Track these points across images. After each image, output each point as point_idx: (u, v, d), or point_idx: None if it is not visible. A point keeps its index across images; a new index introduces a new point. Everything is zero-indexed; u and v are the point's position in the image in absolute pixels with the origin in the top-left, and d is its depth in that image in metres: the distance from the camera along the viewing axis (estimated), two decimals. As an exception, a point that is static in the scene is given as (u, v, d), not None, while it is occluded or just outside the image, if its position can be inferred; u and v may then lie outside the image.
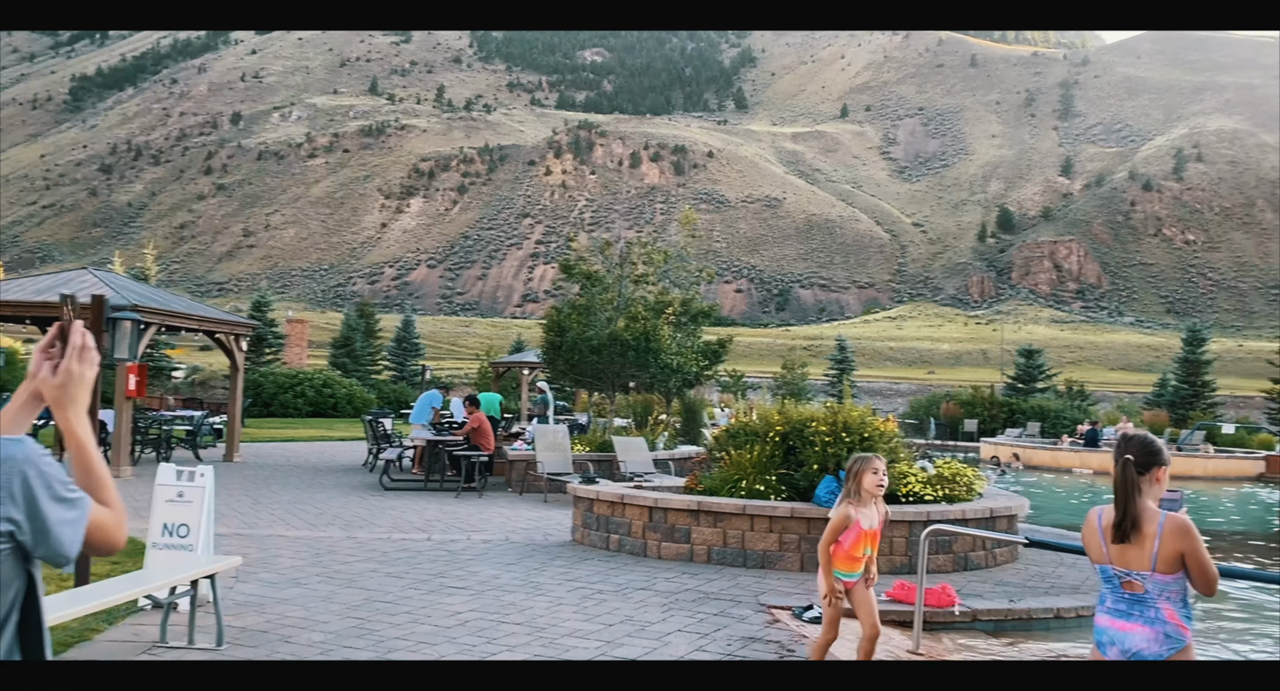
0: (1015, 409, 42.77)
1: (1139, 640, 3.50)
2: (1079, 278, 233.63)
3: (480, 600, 7.94)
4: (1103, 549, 3.62)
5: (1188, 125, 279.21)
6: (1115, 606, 3.61)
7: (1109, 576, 3.64)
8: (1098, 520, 3.68)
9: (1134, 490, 3.55)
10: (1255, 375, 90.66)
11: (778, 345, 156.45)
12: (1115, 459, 3.65)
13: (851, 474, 5.67)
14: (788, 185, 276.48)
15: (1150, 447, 3.64)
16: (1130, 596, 3.56)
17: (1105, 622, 3.64)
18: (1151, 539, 3.48)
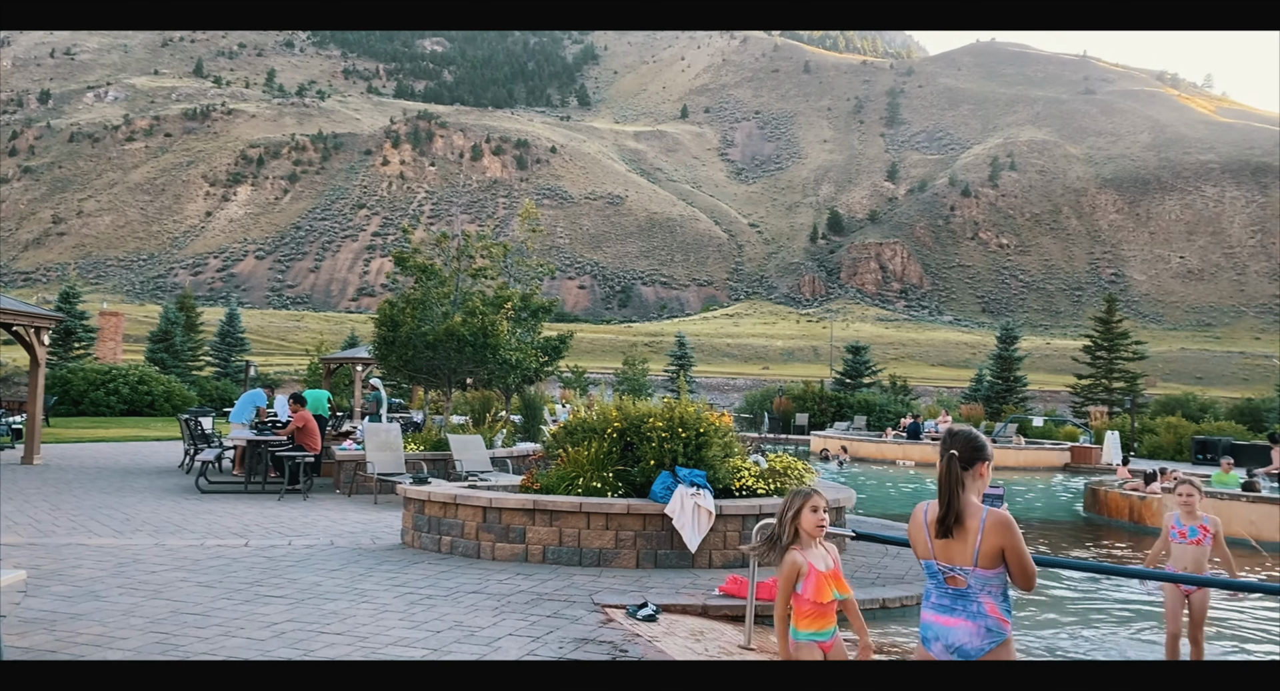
0: (844, 403, 44.36)
1: (961, 635, 3.53)
2: (903, 278, 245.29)
3: (299, 609, 7.50)
4: (928, 544, 3.63)
5: (1002, 135, 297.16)
6: (939, 601, 3.62)
7: (933, 571, 3.64)
8: (923, 515, 3.69)
9: (958, 486, 3.57)
10: (1061, 371, 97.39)
11: (620, 341, 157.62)
12: (940, 455, 3.66)
13: (788, 516, 4.73)
14: (630, 183, 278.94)
15: (974, 443, 3.66)
16: (954, 591, 3.57)
17: (930, 618, 3.65)
18: (974, 534, 3.51)
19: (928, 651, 3.63)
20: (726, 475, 10.31)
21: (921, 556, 3.68)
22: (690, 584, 8.95)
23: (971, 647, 3.51)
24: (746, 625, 7.35)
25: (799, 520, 4.68)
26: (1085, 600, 10.40)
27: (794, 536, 4.69)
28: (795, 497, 4.76)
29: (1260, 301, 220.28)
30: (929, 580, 3.68)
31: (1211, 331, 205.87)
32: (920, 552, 3.68)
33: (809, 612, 4.57)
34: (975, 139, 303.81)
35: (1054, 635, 8.48)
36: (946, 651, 3.56)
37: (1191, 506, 7.43)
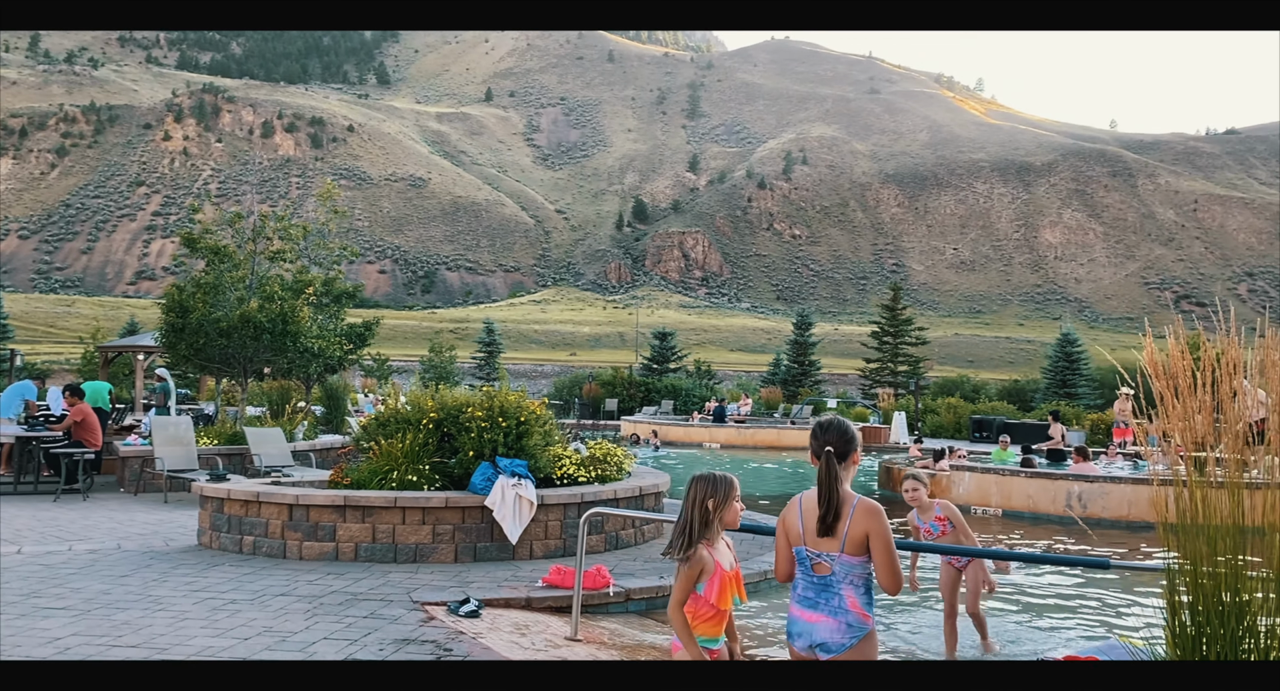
0: (651, 388, 45.08)
1: (824, 631, 3.54)
2: (704, 266, 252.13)
3: (85, 622, 6.83)
4: (800, 531, 3.62)
5: (795, 130, 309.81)
6: (805, 594, 3.63)
7: (802, 558, 3.64)
8: (799, 505, 3.68)
9: (836, 482, 3.57)
10: (849, 355, 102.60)
11: (424, 328, 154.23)
12: (815, 450, 3.65)
13: (708, 505, 4.15)
14: (433, 165, 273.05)
15: (847, 435, 3.67)
16: (818, 580, 3.58)
17: (795, 613, 3.66)
18: (844, 520, 3.53)
19: (794, 648, 3.64)
20: (548, 464, 10.18)
21: (793, 543, 3.66)
22: (512, 576, 8.78)
23: (834, 643, 3.52)
24: (573, 616, 7.25)
25: (724, 511, 4.14)
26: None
27: (707, 530, 4.12)
28: (718, 485, 4.15)
29: (1024, 290, 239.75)
30: (799, 568, 3.67)
31: (981, 318, 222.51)
32: (792, 539, 3.66)
33: (707, 617, 4.07)
34: (770, 133, 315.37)
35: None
36: (809, 649, 3.57)
37: (919, 501, 7.20)
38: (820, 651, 3.55)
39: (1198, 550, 3.49)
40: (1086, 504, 14.97)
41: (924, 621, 8.29)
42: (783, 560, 3.75)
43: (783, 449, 30.86)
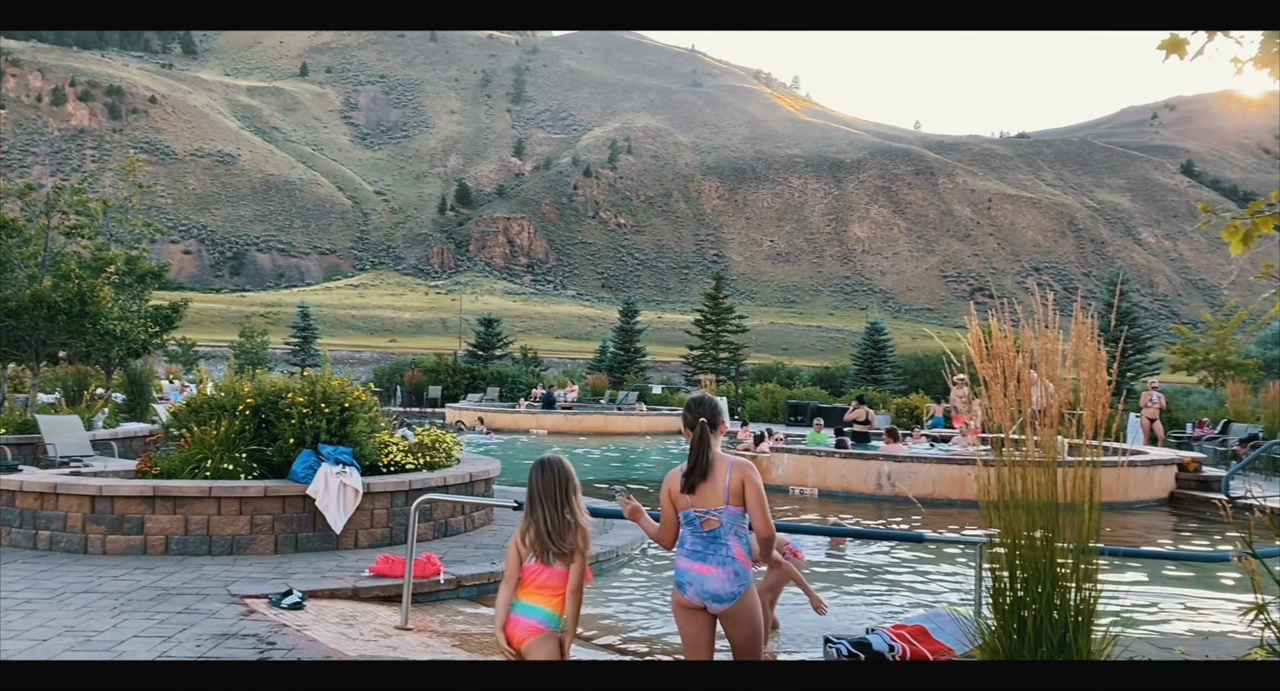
0: (477, 375, 44.54)
1: (715, 582, 3.94)
2: (529, 253, 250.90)
3: None
4: (684, 497, 4.05)
5: (620, 120, 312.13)
6: (694, 548, 4.01)
7: (691, 518, 4.03)
8: (677, 471, 4.12)
9: (707, 447, 4.05)
10: (673, 342, 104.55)
11: (233, 312, 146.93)
12: (690, 422, 4.13)
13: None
14: (243, 141, 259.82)
15: (716, 408, 4.19)
16: (707, 534, 3.99)
17: (685, 565, 4.03)
18: (723, 476, 4.00)
19: (684, 596, 4.01)
20: (374, 451, 9.93)
21: (680, 508, 4.07)
22: (337, 566, 8.51)
23: (725, 593, 3.92)
24: (404, 605, 7.11)
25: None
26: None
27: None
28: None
29: (834, 282, 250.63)
30: (686, 528, 4.06)
31: (795, 307, 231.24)
32: (679, 506, 4.07)
33: (539, 584, 4.16)
34: (596, 121, 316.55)
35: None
36: (701, 597, 3.96)
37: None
38: (713, 601, 3.94)
39: (1017, 524, 3.76)
40: (895, 482, 15.82)
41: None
42: (670, 526, 4.14)
43: (609, 434, 31.16)
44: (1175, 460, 17.27)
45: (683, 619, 4.06)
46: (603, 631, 7.51)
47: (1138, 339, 42.42)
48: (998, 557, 3.78)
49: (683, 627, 4.08)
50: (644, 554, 10.33)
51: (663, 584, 9.19)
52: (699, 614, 4.00)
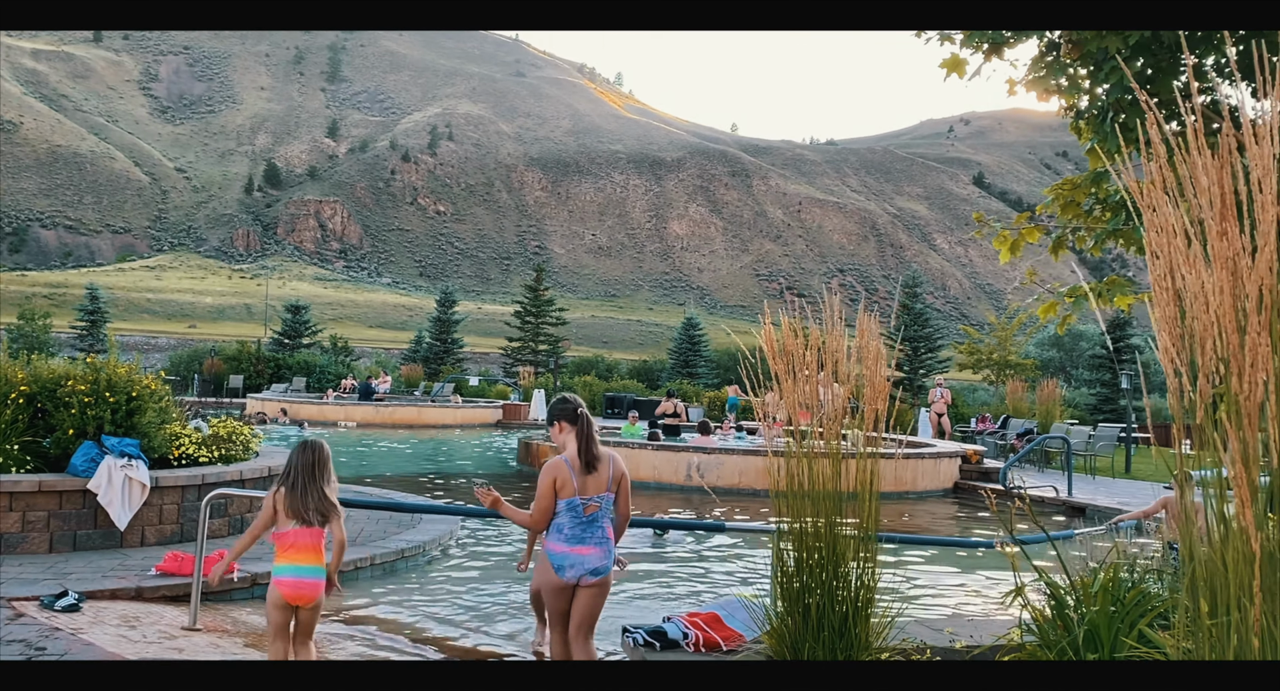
0: (282, 364, 42.77)
1: (595, 560, 4.43)
2: (342, 238, 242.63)
3: None
4: (573, 483, 4.45)
5: (441, 105, 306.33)
6: (573, 533, 4.42)
7: (574, 505, 4.44)
8: (566, 465, 4.48)
9: (595, 439, 4.59)
10: (492, 334, 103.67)
11: (11, 292, 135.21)
12: (569, 417, 4.61)
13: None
14: (26, 108, 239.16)
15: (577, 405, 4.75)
16: (586, 519, 4.44)
17: (563, 549, 4.42)
18: (607, 466, 4.57)
19: (560, 579, 4.42)
20: (164, 444, 9.37)
21: (566, 496, 4.45)
22: (120, 565, 7.99)
23: (603, 567, 4.46)
24: (192, 604, 6.75)
25: None
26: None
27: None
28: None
29: (654, 277, 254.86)
30: (567, 515, 4.44)
31: (616, 301, 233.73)
32: (566, 494, 4.45)
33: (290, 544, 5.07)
34: (416, 106, 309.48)
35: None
36: (580, 575, 4.42)
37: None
38: (591, 575, 4.43)
39: (802, 511, 3.94)
40: (704, 473, 16.27)
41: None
42: (548, 513, 4.49)
43: (423, 427, 30.58)
44: (959, 453, 18.51)
45: (554, 599, 4.50)
46: (421, 630, 7.38)
47: (929, 338, 45.21)
48: (786, 551, 3.95)
49: (552, 606, 4.53)
50: (445, 554, 10.19)
51: (480, 581, 9.13)
52: (568, 590, 4.47)
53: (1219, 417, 1.77)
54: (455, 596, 8.35)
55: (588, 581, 4.46)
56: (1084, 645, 3.60)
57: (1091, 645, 3.60)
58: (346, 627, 7.36)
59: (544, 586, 4.51)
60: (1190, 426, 1.90)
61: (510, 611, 7.84)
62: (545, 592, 4.52)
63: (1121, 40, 3.18)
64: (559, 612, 4.52)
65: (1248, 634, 1.79)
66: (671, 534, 11.25)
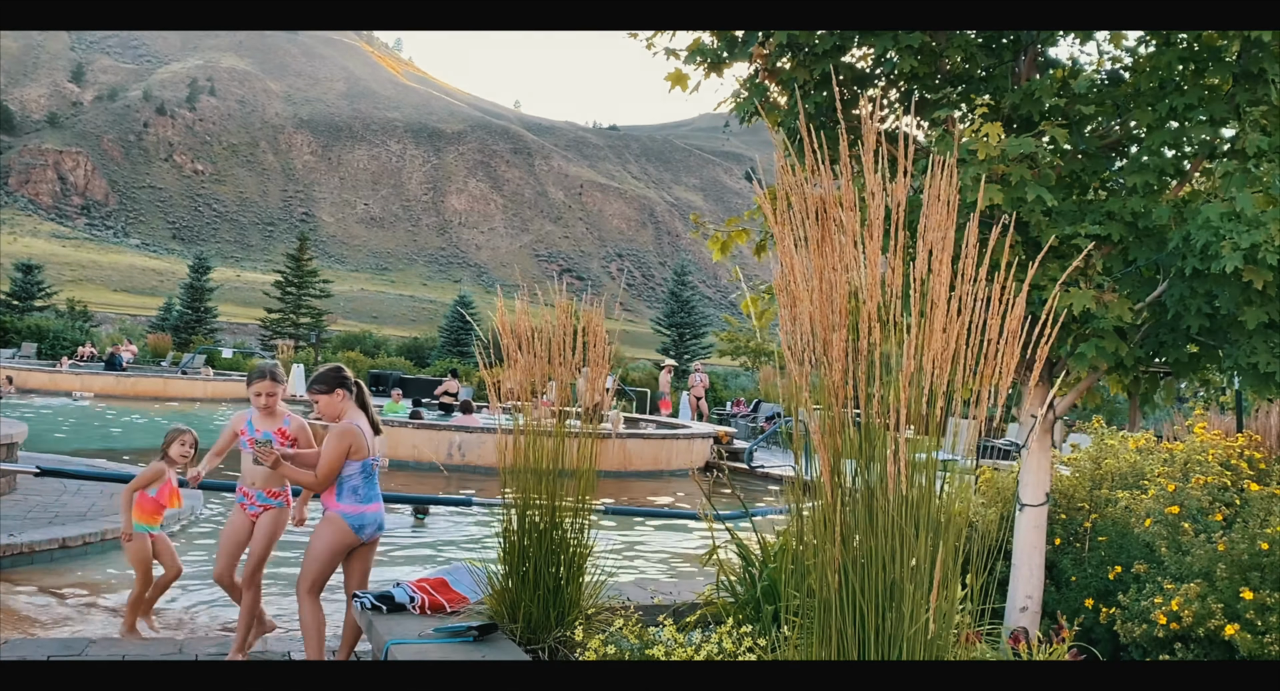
0: (10, 328, 39.10)
1: (380, 515, 4.79)
2: (85, 192, 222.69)
3: None
4: (367, 446, 4.70)
5: (203, 57, 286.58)
6: (366, 492, 4.70)
7: (368, 465, 4.73)
8: (359, 430, 4.71)
9: (370, 402, 4.94)
10: (251, 304, 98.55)
11: None
12: (345, 384, 4.86)
13: (166, 444, 6.30)
14: None
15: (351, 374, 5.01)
16: (372, 477, 4.76)
17: (358, 509, 4.67)
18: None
19: (359, 537, 4.68)
20: None
21: (360, 458, 4.68)
22: None
23: (382, 521, 4.82)
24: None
25: (168, 449, 6.31)
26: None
27: (166, 458, 6.30)
28: (172, 433, 6.40)
29: (429, 251, 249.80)
30: (360, 475, 4.69)
31: (387, 275, 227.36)
32: (360, 456, 4.68)
33: (150, 509, 6.22)
34: (174, 56, 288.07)
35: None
36: (378, 531, 4.79)
37: (272, 407, 5.45)
38: (377, 530, 4.78)
39: (525, 484, 4.26)
40: (466, 452, 16.41)
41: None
42: (333, 474, 4.65)
43: (169, 399, 28.90)
44: (711, 434, 19.58)
45: (335, 560, 4.73)
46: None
47: (695, 325, 47.09)
48: (511, 520, 4.27)
49: (329, 567, 4.74)
50: (185, 530, 9.85)
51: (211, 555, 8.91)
52: (350, 549, 4.75)
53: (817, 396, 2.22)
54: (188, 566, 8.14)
55: (374, 537, 4.79)
56: (763, 598, 4.12)
57: (770, 598, 4.13)
58: (82, 607, 7.07)
59: (332, 548, 4.66)
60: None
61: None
62: (331, 553, 4.66)
63: (808, 72, 3.69)
64: (328, 573, 4.72)
65: (830, 572, 2.25)
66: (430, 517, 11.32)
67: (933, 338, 2.14)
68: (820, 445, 2.20)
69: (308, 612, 4.66)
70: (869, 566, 2.19)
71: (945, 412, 2.20)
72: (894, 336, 2.18)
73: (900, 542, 2.15)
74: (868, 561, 2.19)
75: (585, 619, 4.11)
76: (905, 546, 2.14)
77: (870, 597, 2.18)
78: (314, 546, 4.70)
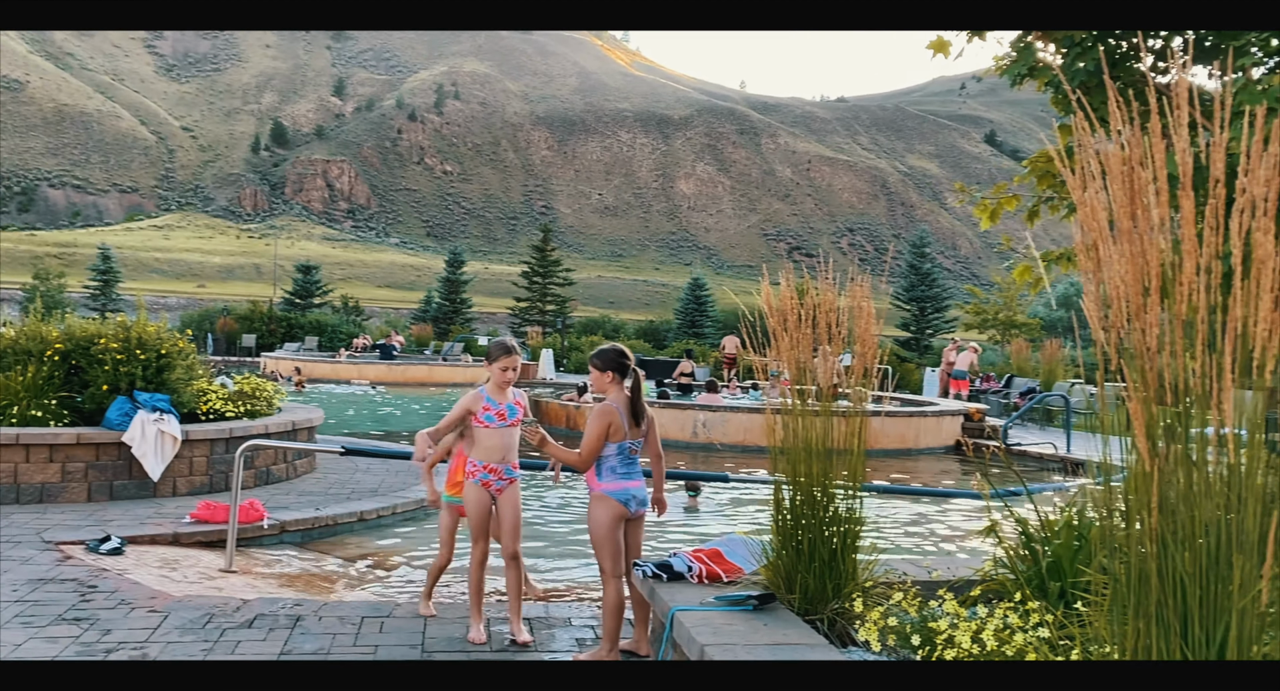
0: (294, 323, 43.24)
1: (642, 491, 5.00)
2: (350, 197, 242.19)
3: None
4: (625, 430, 4.90)
5: (447, 64, 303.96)
6: (623, 471, 4.94)
7: (624, 447, 4.94)
8: (618, 411, 4.91)
9: (642, 389, 5.06)
10: (499, 294, 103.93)
11: (20, 252, 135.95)
12: (617, 367, 5.04)
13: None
14: (32, 67, 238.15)
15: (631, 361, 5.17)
16: (631, 459, 4.98)
17: (621, 485, 4.91)
18: (647, 414, 5.09)
19: (626, 509, 4.91)
20: (192, 399, 9.81)
21: (619, 440, 4.92)
22: (155, 513, 8.45)
23: (645, 496, 5.03)
24: (228, 548, 7.21)
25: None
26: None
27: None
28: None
29: (660, 237, 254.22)
30: (617, 456, 4.93)
31: (622, 262, 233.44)
32: (617, 437, 4.90)
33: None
34: (422, 64, 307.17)
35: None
36: (639, 505, 4.97)
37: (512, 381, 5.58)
38: (640, 505, 4.99)
39: (798, 463, 4.33)
40: (709, 430, 16.69)
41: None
42: (595, 452, 4.90)
43: (434, 385, 31.07)
44: (961, 411, 18.90)
45: (615, 532, 4.89)
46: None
47: (937, 298, 45.41)
48: (783, 494, 4.35)
49: (617, 537, 4.90)
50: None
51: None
52: (622, 523, 4.93)
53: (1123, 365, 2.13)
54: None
55: (640, 511, 5.02)
56: (1048, 575, 4.00)
57: (1055, 574, 4.00)
58: (381, 573, 7.81)
59: (607, 522, 4.86)
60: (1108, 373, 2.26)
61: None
62: (610, 529, 4.86)
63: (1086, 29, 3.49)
64: (619, 549, 4.91)
65: (1149, 543, 2.16)
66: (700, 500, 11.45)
67: (1260, 301, 2.02)
68: (1137, 413, 2.12)
69: (612, 592, 4.87)
70: (1191, 537, 2.10)
71: (1275, 377, 2.08)
72: (1212, 299, 2.07)
73: (1226, 511, 2.05)
74: (1190, 532, 2.10)
75: (862, 591, 4.14)
76: (1235, 515, 2.05)
77: (1195, 569, 2.10)
78: (593, 530, 4.88)
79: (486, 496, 5.40)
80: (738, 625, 3.85)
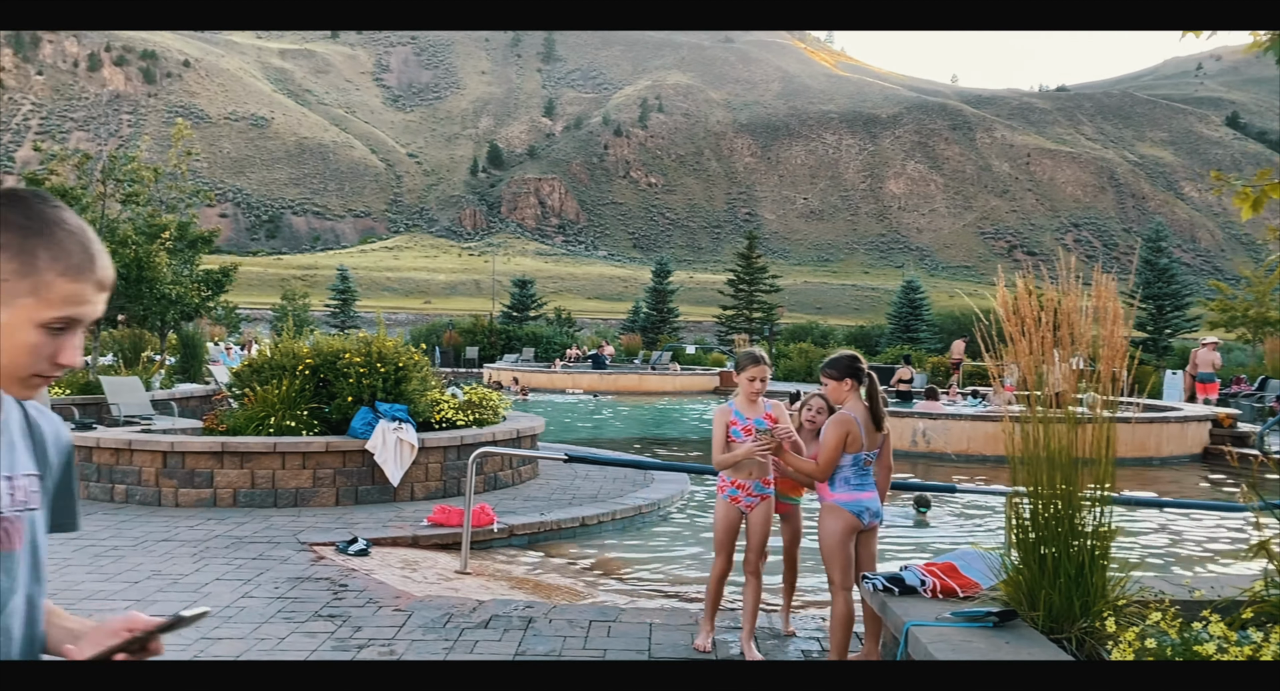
0: (512, 336, 45.12)
1: (876, 502, 4.92)
2: (560, 213, 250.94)
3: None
4: (863, 441, 4.80)
5: (651, 78, 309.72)
6: (857, 481, 4.85)
7: (860, 458, 4.83)
8: (857, 422, 4.78)
9: (882, 398, 4.98)
10: (706, 303, 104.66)
11: (269, 275, 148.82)
12: (855, 374, 4.90)
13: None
14: (276, 104, 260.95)
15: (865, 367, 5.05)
16: (865, 470, 4.88)
17: (854, 496, 4.83)
18: (885, 424, 5.00)
19: (859, 521, 4.82)
20: (426, 408, 10.37)
21: (856, 450, 4.80)
22: (396, 517, 8.99)
23: (878, 508, 4.95)
24: (463, 551, 7.56)
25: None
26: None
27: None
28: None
29: (869, 239, 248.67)
30: (851, 467, 4.83)
31: (829, 266, 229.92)
32: (854, 448, 4.79)
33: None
34: (626, 80, 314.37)
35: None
36: (872, 517, 4.88)
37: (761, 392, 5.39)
38: (873, 518, 4.90)
39: (1039, 473, 4.07)
40: (931, 439, 16.11)
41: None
42: (833, 463, 4.80)
43: (645, 393, 31.60)
44: (1209, 416, 17.38)
45: (846, 545, 4.82)
46: (678, 578, 7.91)
47: (1176, 296, 42.10)
48: (1022, 505, 4.10)
49: (848, 549, 4.84)
50: (682, 510, 10.70)
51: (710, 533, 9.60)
52: (854, 535, 4.87)
53: None
54: (687, 547, 8.85)
55: (873, 523, 4.90)
56: (1335, 600, 3.59)
57: (1344, 600, 3.58)
58: (604, 578, 8.00)
59: (838, 533, 4.77)
60: None
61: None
62: (841, 541, 4.77)
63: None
64: (849, 561, 4.80)
65: None
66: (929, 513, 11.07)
67: None
68: None
69: (841, 604, 4.77)
70: None
71: None
72: None
73: None
74: None
75: (1114, 610, 3.85)
76: None
77: None
78: (824, 541, 4.76)
79: (735, 513, 5.23)
80: (977, 642, 3.66)
